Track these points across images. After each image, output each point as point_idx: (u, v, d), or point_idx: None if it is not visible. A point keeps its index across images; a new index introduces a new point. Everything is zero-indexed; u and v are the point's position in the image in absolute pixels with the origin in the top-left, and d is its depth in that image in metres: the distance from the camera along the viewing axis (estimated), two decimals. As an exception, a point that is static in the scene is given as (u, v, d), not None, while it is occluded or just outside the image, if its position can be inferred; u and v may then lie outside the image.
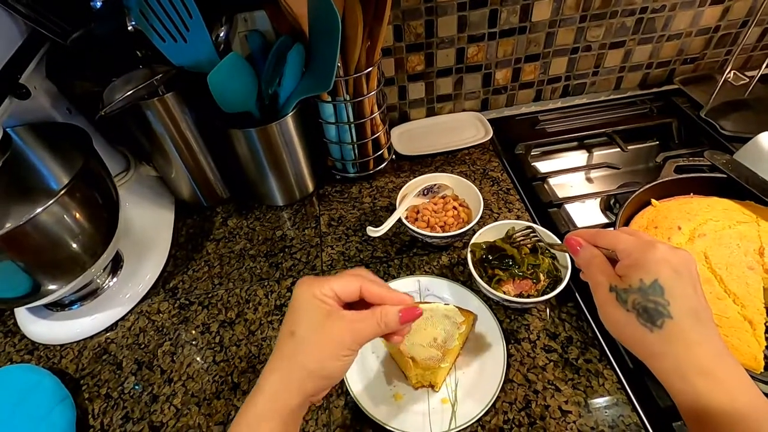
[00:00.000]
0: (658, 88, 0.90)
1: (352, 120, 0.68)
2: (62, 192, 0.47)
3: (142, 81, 0.53)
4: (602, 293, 0.36)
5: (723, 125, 0.74)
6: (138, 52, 0.60)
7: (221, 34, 0.63)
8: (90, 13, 0.55)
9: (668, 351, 0.32)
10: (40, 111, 0.57)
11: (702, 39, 0.84)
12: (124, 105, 0.53)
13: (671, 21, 0.79)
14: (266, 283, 0.62)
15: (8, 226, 0.45)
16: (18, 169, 0.56)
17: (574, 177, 0.77)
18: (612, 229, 0.55)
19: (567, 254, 0.53)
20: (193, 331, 0.58)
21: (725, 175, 0.58)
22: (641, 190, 0.59)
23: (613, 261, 0.37)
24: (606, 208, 0.71)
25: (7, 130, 0.51)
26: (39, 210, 0.45)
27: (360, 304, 0.36)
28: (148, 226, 0.69)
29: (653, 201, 0.59)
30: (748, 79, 0.77)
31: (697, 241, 0.51)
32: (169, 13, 0.54)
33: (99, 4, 0.55)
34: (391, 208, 0.71)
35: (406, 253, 0.64)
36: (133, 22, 0.55)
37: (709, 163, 0.61)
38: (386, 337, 0.37)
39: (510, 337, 0.53)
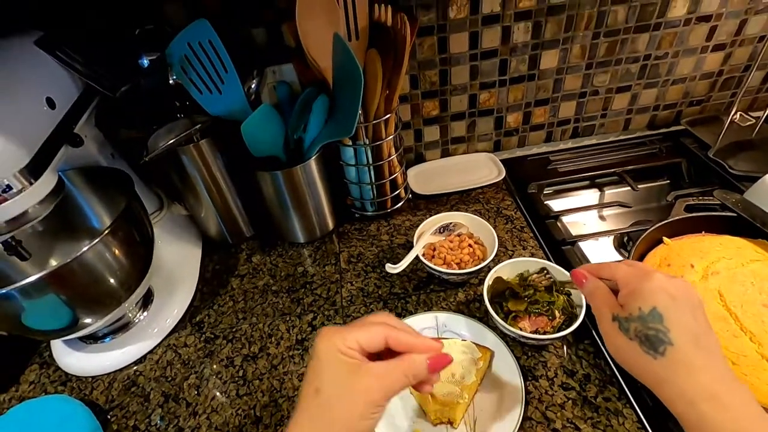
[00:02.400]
0: (666, 128, 0.92)
1: (371, 162, 0.72)
2: (106, 231, 0.51)
3: (183, 130, 0.58)
4: (606, 323, 0.37)
5: (732, 165, 0.76)
6: (177, 103, 0.66)
7: (253, 86, 0.69)
8: (138, 69, 0.61)
9: (672, 377, 0.32)
10: (88, 156, 0.62)
11: (706, 82, 0.87)
12: (165, 151, 0.58)
13: (675, 67, 0.83)
14: (288, 318, 0.64)
15: (54, 263, 0.49)
16: (65, 208, 0.61)
17: (586, 215, 0.79)
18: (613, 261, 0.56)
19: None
20: (217, 365, 0.60)
21: (736, 214, 0.60)
22: (653, 228, 0.60)
23: (617, 293, 0.38)
24: (619, 245, 0.72)
25: (59, 174, 0.56)
26: (85, 248, 0.49)
27: (387, 351, 0.35)
28: (177, 262, 0.72)
29: (665, 239, 0.60)
30: (754, 120, 0.80)
31: (710, 279, 0.52)
32: (206, 68, 0.60)
33: (146, 62, 0.61)
34: (408, 246, 0.73)
35: (423, 289, 0.65)
36: (174, 77, 0.61)
37: (719, 202, 0.63)
38: (416, 387, 0.36)
39: (527, 374, 0.53)
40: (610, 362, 0.53)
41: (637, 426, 0.47)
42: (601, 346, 0.55)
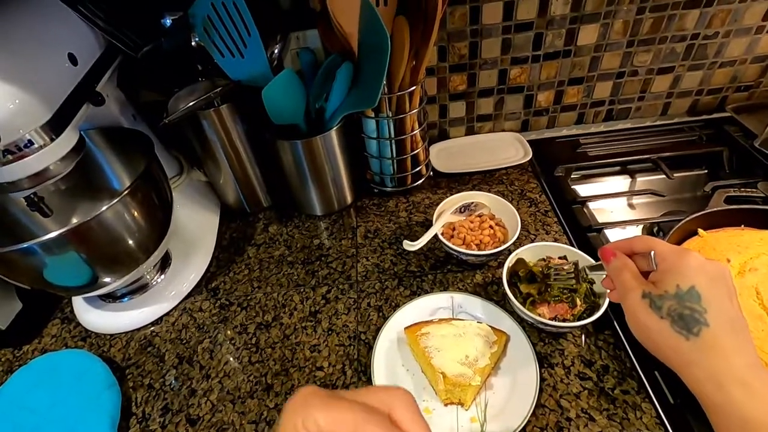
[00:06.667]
0: (708, 115, 0.87)
1: (393, 136, 0.70)
2: (126, 192, 0.51)
3: (204, 93, 0.57)
4: (634, 299, 0.35)
5: (779, 156, 0.71)
6: (198, 66, 0.65)
7: (275, 51, 0.67)
8: (160, 29, 0.60)
9: (703, 359, 0.32)
10: (110, 116, 0.62)
11: (758, 66, 0.81)
12: (185, 114, 0.57)
13: (724, 48, 0.77)
14: (302, 290, 0.64)
15: (75, 221, 0.49)
16: (86, 168, 0.61)
17: (615, 202, 0.76)
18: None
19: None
20: (231, 331, 0.61)
21: (780, 209, 0.56)
22: (688, 218, 0.57)
23: (644, 274, 0.37)
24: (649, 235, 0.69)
25: (81, 132, 0.56)
26: (105, 207, 0.49)
27: None
28: (195, 227, 0.72)
29: (700, 231, 0.57)
30: (807, 110, 0.74)
31: (747, 276, 0.49)
32: (229, 30, 0.58)
33: (169, 22, 0.60)
34: (426, 224, 0.71)
35: (440, 269, 0.64)
36: (197, 39, 0.60)
37: (763, 195, 0.59)
38: None
39: (543, 360, 0.52)
40: (631, 355, 0.51)
41: (655, 421, 0.46)
42: (623, 338, 0.53)
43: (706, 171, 0.78)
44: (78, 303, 0.64)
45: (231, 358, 0.57)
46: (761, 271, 0.49)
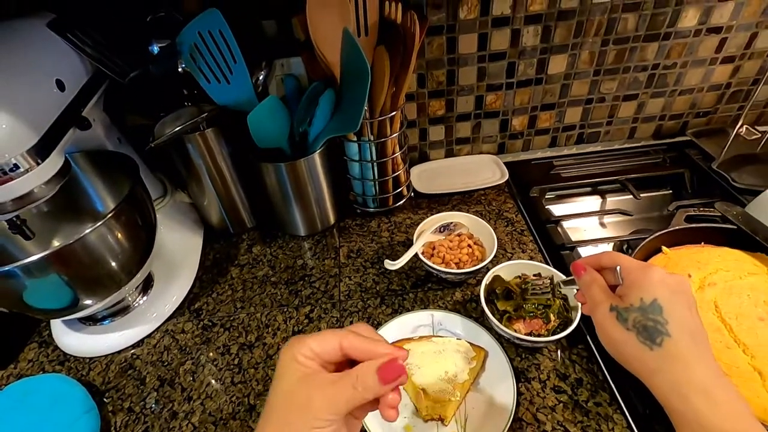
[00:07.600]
0: (672, 138, 0.92)
1: (374, 159, 0.72)
2: (110, 214, 0.51)
3: (190, 118, 0.58)
4: (602, 312, 0.38)
5: (735, 178, 0.76)
6: (185, 91, 0.66)
7: (261, 77, 0.69)
8: (148, 56, 0.62)
9: (667, 369, 0.33)
10: (95, 140, 0.62)
11: (714, 94, 0.87)
12: (171, 138, 0.58)
13: (683, 77, 0.83)
14: (285, 310, 0.65)
15: (57, 244, 0.50)
16: (70, 190, 0.61)
17: (587, 221, 0.79)
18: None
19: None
20: (213, 353, 0.61)
21: (736, 227, 0.60)
22: (652, 237, 0.60)
23: (612, 288, 0.39)
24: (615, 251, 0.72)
25: (66, 155, 0.56)
26: (88, 230, 0.50)
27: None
28: (178, 249, 0.73)
29: (664, 248, 0.60)
30: (760, 134, 0.79)
31: (707, 290, 0.52)
32: (216, 58, 0.60)
33: (156, 49, 0.62)
34: (407, 243, 0.73)
35: (420, 287, 0.66)
36: (184, 65, 0.62)
37: (720, 214, 0.63)
38: (381, 412, 0.31)
39: (520, 375, 0.53)
40: (603, 368, 0.53)
41: (626, 432, 0.48)
42: (595, 352, 0.55)
43: (670, 191, 0.83)
44: (56, 326, 0.64)
45: (213, 380, 0.57)
46: (719, 285, 0.52)
